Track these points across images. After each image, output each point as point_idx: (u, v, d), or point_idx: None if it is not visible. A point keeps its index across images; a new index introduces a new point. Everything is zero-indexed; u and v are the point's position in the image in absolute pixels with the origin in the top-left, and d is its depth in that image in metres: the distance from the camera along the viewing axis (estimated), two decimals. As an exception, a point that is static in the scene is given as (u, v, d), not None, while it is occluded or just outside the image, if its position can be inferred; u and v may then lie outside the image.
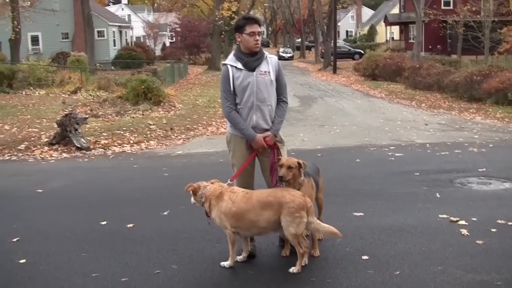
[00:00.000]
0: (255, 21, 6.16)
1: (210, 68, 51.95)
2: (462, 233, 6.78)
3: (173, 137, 16.28)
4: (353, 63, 48.33)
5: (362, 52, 62.62)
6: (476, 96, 24.20)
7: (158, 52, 69.11)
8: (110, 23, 56.12)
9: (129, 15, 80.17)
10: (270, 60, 6.21)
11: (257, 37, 6.06)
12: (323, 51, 59.02)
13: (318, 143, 14.65)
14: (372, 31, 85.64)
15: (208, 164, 12.15)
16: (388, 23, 69.34)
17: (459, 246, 6.38)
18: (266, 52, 6.28)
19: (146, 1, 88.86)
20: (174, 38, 73.75)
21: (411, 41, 53.50)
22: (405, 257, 6.07)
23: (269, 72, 6.12)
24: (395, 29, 70.93)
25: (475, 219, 7.30)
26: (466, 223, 7.12)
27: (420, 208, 8.02)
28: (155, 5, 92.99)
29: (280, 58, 59.22)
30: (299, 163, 5.84)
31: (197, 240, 6.76)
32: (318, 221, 5.77)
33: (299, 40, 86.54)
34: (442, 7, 53.69)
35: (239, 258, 5.98)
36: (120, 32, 60.92)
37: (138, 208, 8.51)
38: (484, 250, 6.24)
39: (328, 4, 62.18)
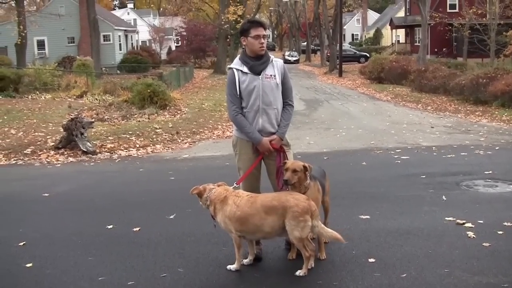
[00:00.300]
0: (260, 24, 6.16)
1: (216, 72, 52.02)
2: (469, 235, 6.76)
3: (179, 140, 16.30)
4: (359, 66, 48.27)
5: (368, 55, 62.61)
6: (482, 98, 24.13)
7: (164, 56, 69.26)
8: (116, 27, 56.24)
9: (135, 19, 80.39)
10: (276, 64, 6.22)
11: (262, 40, 6.06)
12: (328, 54, 59.03)
13: (324, 146, 14.65)
14: (378, 34, 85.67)
15: (214, 168, 12.16)
16: (394, 26, 69.29)
17: (465, 248, 6.36)
18: (271, 55, 6.29)
19: (152, 5, 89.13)
20: (180, 42, 73.99)
21: (417, 44, 53.53)
22: (411, 259, 6.05)
23: (274, 76, 6.13)
24: (401, 32, 70.89)
25: (481, 221, 7.28)
26: (473, 226, 7.10)
27: (426, 211, 8.00)
28: (161, 9, 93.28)
29: (286, 61, 59.36)
30: (304, 167, 5.84)
31: (203, 244, 6.77)
32: (322, 225, 5.75)
33: (305, 43, 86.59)
34: (448, 10, 53.63)
35: (245, 261, 5.99)
36: (126, 36, 61.04)
37: (144, 211, 8.52)
38: (490, 252, 6.22)
39: (333, 7, 62.25)
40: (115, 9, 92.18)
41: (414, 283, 5.49)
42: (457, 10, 52.45)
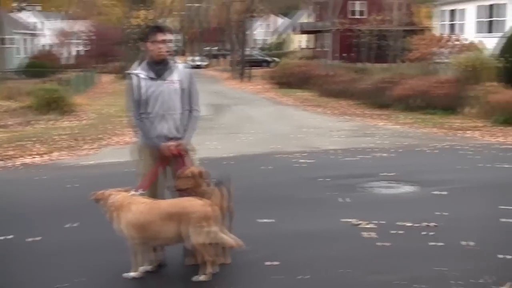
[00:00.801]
0: (159, 29, 6.12)
1: (122, 76, 51.33)
2: (369, 236, 6.93)
3: (84, 147, 15.94)
4: (267, 71, 48.71)
5: (275, 60, 63.22)
6: (385, 102, 24.77)
7: (69, 60, 67.77)
8: (16, 31, 54.68)
9: (39, 22, 78.32)
10: (180, 69, 6.18)
11: (161, 45, 5.99)
12: (236, 59, 59.24)
13: (230, 151, 14.63)
14: (286, 39, 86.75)
15: (119, 174, 11.89)
16: (302, 31, 70.35)
17: (365, 248, 6.52)
18: (177, 60, 6.26)
19: (58, 8, 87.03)
20: (86, 46, 72.54)
21: (325, 49, 54.43)
22: (314, 261, 6.13)
23: (178, 81, 6.08)
24: (309, 37, 71.99)
25: (380, 222, 7.45)
26: (372, 226, 7.27)
27: (328, 213, 8.14)
28: (67, 12, 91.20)
29: (193, 66, 59.15)
30: (195, 173, 5.82)
31: (107, 251, 6.62)
32: (224, 230, 5.72)
33: (213, 48, 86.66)
34: (354, 16, 55.02)
35: (148, 268, 5.87)
36: (28, 39, 59.46)
37: (46, 220, 8.23)
38: (389, 251, 6.41)
39: (242, 13, 62.54)
40: (14, 12, 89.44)
41: (316, 284, 5.57)
42: (364, 16, 53.84)
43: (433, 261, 6.07)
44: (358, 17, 55.05)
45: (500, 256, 6.20)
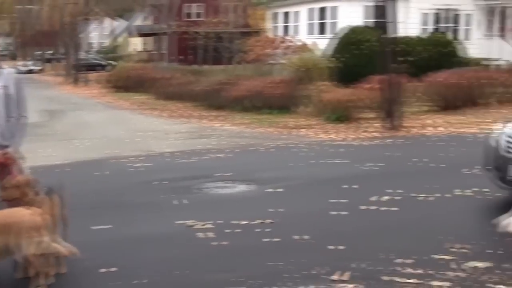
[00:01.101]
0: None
1: None
2: (205, 236, 7.03)
3: None
4: (102, 75, 47.69)
5: (111, 63, 62.20)
6: (222, 104, 25.00)
7: None
8: None
9: None
10: (6, 74, 5.95)
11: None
12: (71, 63, 57.67)
13: (65, 157, 14.14)
14: (123, 42, 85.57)
15: None
16: (139, 34, 69.75)
17: (202, 249, 6.64)
18: (2, 65, 6.02)
19: None
20: None
21: (162, 51, 54.30)
22: (151, 265, 6.13)
23: (3, 87, 5.82)
24: (146, 40, 71.50)
25: (220, 221, 7.57)
26: (210, 226, 7.38)
27: (164, 215, 8.19)
28: None
29: (26, 71, 57.08)
30: (21, 182, 5.64)
31: None
32: (54, 239, 5.56)
33: (47, 52, 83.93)
34: (191, 19, 55.31)
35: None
36: None
37: None
38: (226, 250, 6.56)
39: (75, 15, 61.02)
40: None
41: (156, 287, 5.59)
42: (201, 19, 54.24)
43: (268, 257, 6.27)
44: (195, 19, 55.36)
45: (331, 247, 6.53)
